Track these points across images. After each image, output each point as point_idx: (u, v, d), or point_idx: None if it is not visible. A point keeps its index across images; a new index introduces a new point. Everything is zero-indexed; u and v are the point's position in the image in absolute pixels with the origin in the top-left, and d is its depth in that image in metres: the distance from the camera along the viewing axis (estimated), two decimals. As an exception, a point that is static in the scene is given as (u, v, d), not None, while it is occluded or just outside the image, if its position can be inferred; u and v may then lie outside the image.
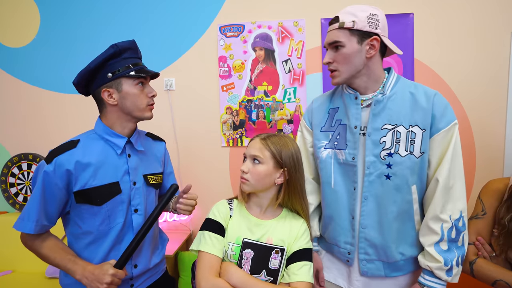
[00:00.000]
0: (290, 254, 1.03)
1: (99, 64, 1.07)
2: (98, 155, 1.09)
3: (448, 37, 1.96)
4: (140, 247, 1.15)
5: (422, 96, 1.05)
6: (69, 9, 2.27)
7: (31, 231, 1.04)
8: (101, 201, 1.07)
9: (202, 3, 2.13)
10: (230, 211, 1.08)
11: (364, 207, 1.08)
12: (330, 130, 1.16)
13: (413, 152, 1.03)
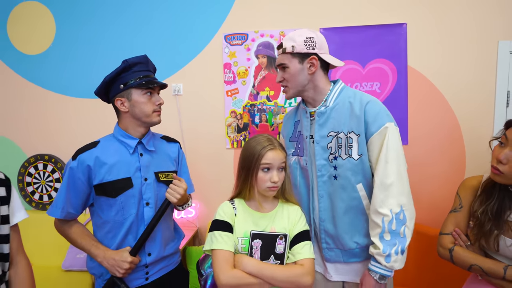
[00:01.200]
0: (292, 238, 1.16)
1: (112, 77, 1.23)
2: (113, 154, 1.24)
3: (439, 45, 2.09)
4: (154, 237, 1.28)
5: (357, 105, 1.20)
6: (83, 19, 2.42)
7: (58, 216, 1.22)
8: (115, 194, 1.21)
9: (208, 13, 2.27)
10: (234, 210, 1.20)
11: (321, 204, 1.26)
12: (295, 140, 1.36)
13: (352, 155, 1.19)
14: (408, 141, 2.15)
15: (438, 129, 2.13)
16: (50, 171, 2.49)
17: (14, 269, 0.99)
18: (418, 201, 2.05)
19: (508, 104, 2.03)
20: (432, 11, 2.08)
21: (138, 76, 1.22)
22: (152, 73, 1.30)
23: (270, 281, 1.09)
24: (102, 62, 2.43)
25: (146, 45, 2.34)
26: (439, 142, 2.12)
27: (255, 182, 1.16)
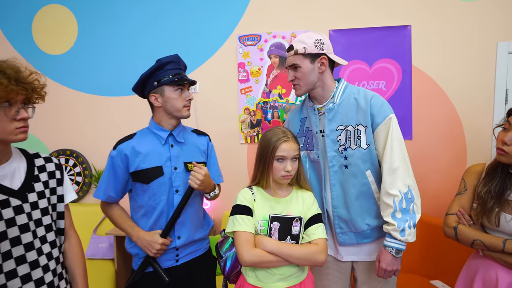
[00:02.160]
0: (306, 221, 1.29)
1: (147, 75, 1.36)
2: (147, 144, 1.37)
3: (442, 46, 2.22)
4: (183, 222, 1.40)
5: (362, 100, 1.33)
6: (104, 20, 2.55)
7: (101, 198, 1.37)
8: (148, 180, 1.34)
9: (224, 16, 2.40)
10: (253, 195, 1.32)
11: (333, 192, 1.38)
12: (303, 136, 1.47)
13: (361, 145, 1.32)
14: (413, 136, 2.28)
15: (440, 126, 2.25)
16: (71, 165, 2.62)
17: (68, 242, 1.12)
18: (422, 193, 2.17)
19: (507, 102, 2.16)
20: (435, 14, 2.21)
21: (171, 74, 1.35)
22: (183, 71, 1.42)
23: (288, 258, 1.21)
24: (122, 61, 2.56)
25: (164, 45, 2.48)
26: (442, 137, 2.25)
27: (271, 171, 1.28)
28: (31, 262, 0.95)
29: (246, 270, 1.30)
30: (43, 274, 0.98)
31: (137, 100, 2.60)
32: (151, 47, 2.51)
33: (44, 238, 1.01)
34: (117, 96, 2.59)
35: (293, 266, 1.26)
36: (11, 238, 0.92)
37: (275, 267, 1.23)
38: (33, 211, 0.99)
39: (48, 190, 1.06)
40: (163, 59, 1.36)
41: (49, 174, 1.08)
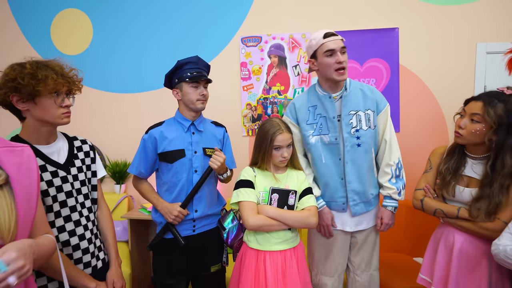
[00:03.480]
0: (300, 193, 1.52)
1: (169, 74, 1.63)
2: (173, 131, 1.62)
3: (427, 47, 2.44)
4: (200, 198, 1.63)
5: (368, 90, 1.62)
6: (116, 23, 2.78)
7: (134, 173, 1.65)
8: (172, 160, 1.58)
9: (227, 19, 2.63)
10: (254, 172, 1.55)
11: (347, 169, 1.60)
12: (314, 122, 1.63)
13: (371, 127, 1.58)
14: (400, 130, 2.50)
15: (426, 121, 2.47)
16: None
17: (100, 210, 1.35)
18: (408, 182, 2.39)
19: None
20: (420, 18, 2.43)
21: (189, 72, 1.57)
22: (203, 70, 1.64)
23: (286, 221, 1.45)
24: (133, 60, 2.79)
25: (173, 46, 2.71)
26: (427, 132, 2.46)
27: (270, 158, 1.51)
28: (75, 221, 1.18)
29: (248, 236, 1.53)
30: (84, 232, 1.21)
31: (146, 96, 2.84)
32: (161, 48, 2.74)
33: (83, 204, 1.24)
34: (128, 93, 2.82)
35: (289, 232, 1.49)
36: (60, 201, 1.15)
37: (275, 230, 1.46)
38: (75, 181, 1.22)
39: (84, 166, 1.28)
40: (182, 61, 1.60)
41: (85, 153, 1.31)
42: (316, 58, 1.56)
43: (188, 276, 1.67)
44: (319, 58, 1.55)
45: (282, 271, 1.47)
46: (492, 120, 1.27)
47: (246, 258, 1.52)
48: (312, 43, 1.56)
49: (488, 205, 1.29)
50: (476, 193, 1.34)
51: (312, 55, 1.57)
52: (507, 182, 1.27)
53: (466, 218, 1.36)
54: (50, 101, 1.12)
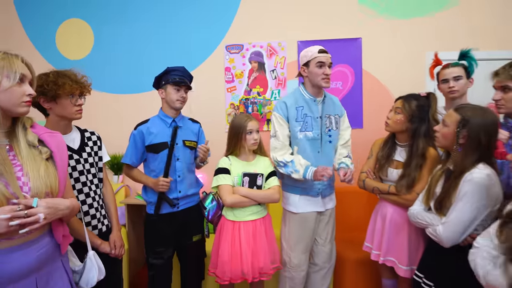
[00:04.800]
0: (266, 175, 1.89)
1: (158, 77, 1.96)
2: (157, 126, 1.95)
3: (386, 54, 2.82)
4: (182, 181, 1.97)
5: (334, 99, 2.02)
6: (114, 32, 3.12)
7: (127, 162, 1.95)
8: (158, 151, 1.92)
9: (213, 29, 2.99)
10: (229, 161, 1.92)
11: (322, 160, 1.93)
12: (301, 120, 1.97)
13: (338, 128, 1.97)
14: (363, 126, 2.87)
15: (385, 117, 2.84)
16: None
17: (105, 188, 1.70)
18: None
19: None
20: (380, 29, 2.81)
21: (173, 77, 1.92)
22: (186, 78, 1.97)
23: (256, 198, 1.83)
24: (129, 65, 3.13)
25: (166, 52, 3.05)
26: (386, 126, 2.85)
27: (244, 142, 1.87)
28: (85, 193, 1.54)
29: (226, 211, 1.90)
30: (92, 202, 1.56)
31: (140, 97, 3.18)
32: (156, 54, 3.08)
33: (92, 181, 1.59)
34: (125, 93, 3.16)
35: (258, 206, 1.87)
36: (75, 177, 1.50)
37: (247, 206, 1.84)
38: (85, 163, 1.57)
39: (93, 152, 1.64)
40: (170, 68, 1.95)
41: (93, 142, 1.66)
42: (308, 66, 1.91)
43: (174, 245, 2.01)
44: (311, 67, 1.90)
45: (253, 237, 1.85)
46: (408, 112, 1.66)
47: (224, 229, 1.89)
48: (308, 54, 1.92)
49: (408, 181, 1.66)
50: (401, 172, 1.72)
51: (305, 63, 1.93)
52: (420, 162, 1.65)
53: (394, 193, 1.74)
54: (67, 102, 1.47)
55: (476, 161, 1.28)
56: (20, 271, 1.05)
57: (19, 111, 1.06)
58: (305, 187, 1.95)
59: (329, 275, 2.14)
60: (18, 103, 1.05)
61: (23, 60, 1.09)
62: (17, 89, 1.04)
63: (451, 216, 1.31)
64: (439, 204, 1.37)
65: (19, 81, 1.04)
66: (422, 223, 1.45)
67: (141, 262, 3.04)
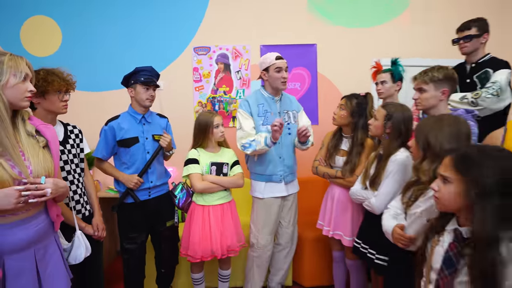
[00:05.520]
0: (231, 164, 2.15)
1: (127, 76, 2.11)
2: (128, 122, 2.11)
3: (338, 59, 3.20)
4: (153, 172, 2.15)
5: (292, 98, 2.33)
6: (82, 28, 3.20)
7: (98, 156, 2.08)
8: (129, 145, 2.08)
9: (182, 31, 3.18)
10: (197, 152, 2.15)
11: (283, 150, 2.22)
12: (262, 115, 2.26)
13: (295, 122, 2.25)
14: (318, 122, 3.23)
15: (337, 115, 3.22)
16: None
17: (86, 177, 1.85)
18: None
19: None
20: (333, 36, 3.18)
21: (142, 77, 2.08)
22: (154, 77, 2.14)
23: (223, 184, 2.08)
24: (97, 63, 3.22)
25: (138, 54, 3.19)
26: (338, 123, 3.23)
27: (211, 135, 2.11)
28: (70, 181, 1.69)
29: (197, 197, 2.13)
30: (76, 188, 1.72)
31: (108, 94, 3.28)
32: (125, 54, 3.21)
33: (75, 170, 1.74)
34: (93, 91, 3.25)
35: (224, 191, 2.12)
36: (60, 166, 1.65)
37: (215, 191, 2.09)
38: (69, 154, 1.72)
39: (75, 144, 1.79)
40: (139, 68, 2.11)
41: (75, 135, 1.81)
42: (268, 71, 2.19)
43: (147, 231, 2.19)
44: (270, 72, 2.17)
45: (221, 219, 2.10)
46: (350, 108, 2.01)
47: (195, 213, 2.12)
48: (267, 60, 2.18)
49: (350, 166, 2.01)
50: (345, 159, 2.06)
51: (265, 69, 2.19)
52: (359, 150, 2.00)
53: (340, 177, 2.08)
54: (55, 97, 1.62)
55: (398, 146, 1.64)
56: (22, 243, 1.22)
57: (22, 104, 1.23)
58: (269, 175, 2.23)
59: (291, 253, 2.45)
60: (21, 98, 1.22)
61: (26, 61, 1.25)
62: (21, 86, 1.21)
63: (381, 190, 1.66)
64: (372, 182, 1.72)
65: (23, 79, 1.21)
66: (360, 198, 1.80)
67: (114, 254, 3.17)
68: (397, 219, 1.41)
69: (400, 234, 1.38)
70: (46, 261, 1.30)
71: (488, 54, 2.13)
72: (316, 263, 2.63)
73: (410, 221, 1.37)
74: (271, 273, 2.47)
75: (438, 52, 3.21)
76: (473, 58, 2.15)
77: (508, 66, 2.02)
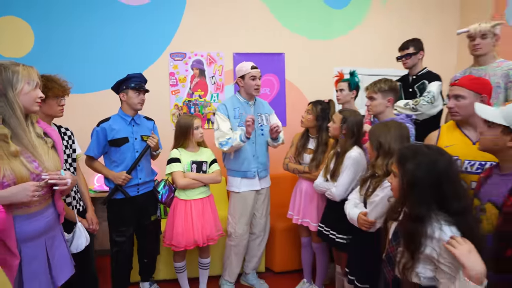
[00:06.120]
0: (209, 163, 2.40)
1: (120, 81, 2.29)
2: (118, 124, 2.29)
3: (303, 66, 3.54)
4: (142, 169, 2.35)
5: (264, 102, 2.60)
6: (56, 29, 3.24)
7: (90, 154, 2.24)
8: (119, 145, 2.26)
9: (159, 38, 3.35)
10: (179, 152, 2.36)
11: (257, 149, 2.50)
12: (238, 118, 2.51)
13: (268, 124, 2.53)
14: (286, 124, 3.55)
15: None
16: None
17: (78, 176, 1.99)
18: (291, 159, 3.46)
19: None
20: (298, 46, 3.52)
21: (133, 83, 2.28)
22: (143, 83, 2.34)
23: (203, 180, 2.32)
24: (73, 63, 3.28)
25: (115, 58, 3.29)
26: (304, 124, 3.58)
27: (192, 136, 2.34)
28: (65, 179, 1.85)
29: (179, 192, 2.34)
30: (70, 186, 1.88)
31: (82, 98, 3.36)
32: (104, 58, 3.31)
33: (69, 169, 1.89)
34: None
35: (204, 187, 2.36)
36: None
37: (196, 187, 2.31)
38: (63, 154, 1.87)
39: (68, 145, 1.94)
40: (130, 75, 2.30)
41: (68, 136, 1.96)
42: (244, 79, 2.45)
43: (134, 225, 2.38)
44: (246, 80, 2.44)
45: (202, 211, 2.33)
46: (315, 113, 2.34)
47: (178, 207, 2.33)
48: (243, 69, 2.45)
49: (316, 163, 2.34)
50: (312, 157, 2.39)
51: (241, 76, 2.45)
52: (323, 148, 2.34)
53: (307, 172, 2.40)
54: (54, 102, 1.78)
55: (352, 144, 1.99)
56: (34, 233, 1.39)
57: (34, 109, 1.40)
58: (244, 171, 2.50)
59: (264, 242, 2.74)
60: (33, 103, 1.38)
61: (36, 71, 1.42)
62: (33, 92, 1.38)
63: (339, 181, 2.00)
64: (332, 175, 2.05)
65: (34, 87, 1.38)
66: (323, 189, 2.13)
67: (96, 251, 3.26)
68: (357, 207, 1.75)
69: (364, 219, 1.70)
70: (54, 250, 1.48)
71: (425, 68, 2.56)
72: (286, 250, 2.94)
73: (370, 208, 1.70)
74: (246, 260, 2.74)
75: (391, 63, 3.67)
76: (413, 71, 2.58)
77: (440, 78, 2.45)
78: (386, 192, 1.61)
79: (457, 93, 1.62)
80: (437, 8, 3.83)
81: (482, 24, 2.12)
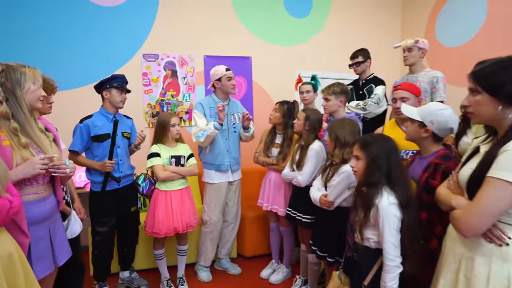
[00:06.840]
0: (187, 157, 2.62)
1: (104, 81, 2.44)
2: (101, 121, 2.44)
3: (269, 69, 3.87)
4: (123, 164, 2.51)
5: (237, 102, 2.89)
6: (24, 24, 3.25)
7: (75, 149, 2.37)
8: (102, 140, 2.42)
9: (132, 39, 3.48)
10: (158, 147, 2.57)
11: (230, 144, 2.77)
12: (213, 116, 2.75)
13: (239, 122, 2.81)
14: (254, 122, 3.85)
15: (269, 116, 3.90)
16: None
17: None
18: (259, 155, 3.77)
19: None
20: (264, 51, 3.85)
21: (116, 83, 2.44)
22: (126, 83, 2.51)
23: (181, 173, 2.54)
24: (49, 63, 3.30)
25: (91, 58, 3.36)
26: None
27: (169, 132, 2.56)
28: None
29: (160, 184, 2.54)
30: (60, 179, 2.02)
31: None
32: (79, 56, 3.36)
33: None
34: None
35: (182, 179, 2.58)
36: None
37: (175, 179, 2.53)
38: None
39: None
40: (114, 75, 2.46)
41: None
42: (221, 81, 2.70)
43: (115, 216, 2.53)
44: (223, 81, 2.70)
45: (181, 201, 2.55)
46: (282, 111, 2.67)
47: (159, 198, 2.53)
48: (218, 72, 2.70)
49: (283, 155, 2.67)
50: (279, 151, 2.72)
51: (218, 79, 2.70)
52: (289, 143, 2.67)
53: (275, 164, 2.72)
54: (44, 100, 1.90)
55: (314, 139, 2.35)
56: (40, 217, 1.54)
57: (38, 106, 1.55)
58: (218, 164, 2.76)
59: (236, 228, 3.02)
60: (37, 101, 1.54)
61: (39, 72, 1.57)
62: (38, 91, 1.53)
63: (304, 170, 2.34)
64: (298, 165, 2.39)
65: (39, 86, 1.54)
66: (289, 177, 2.46)
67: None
68: (320, 191, 2.09)
69: (325, 200, 2.03)
70: (55, 233, 1.63)
71: (372, 74, 3.01)
72: (256, 237, 3.24)
73: (330, 190, 2.04)
74: (220, 246, 3.01)
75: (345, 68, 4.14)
76: (363, 76, 3.02)
77: (384, 83, 2.91)
78: (342, 176, 1.97)
79: (402, 96, 2.02)
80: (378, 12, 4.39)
81: (408, 40, 2.66)
